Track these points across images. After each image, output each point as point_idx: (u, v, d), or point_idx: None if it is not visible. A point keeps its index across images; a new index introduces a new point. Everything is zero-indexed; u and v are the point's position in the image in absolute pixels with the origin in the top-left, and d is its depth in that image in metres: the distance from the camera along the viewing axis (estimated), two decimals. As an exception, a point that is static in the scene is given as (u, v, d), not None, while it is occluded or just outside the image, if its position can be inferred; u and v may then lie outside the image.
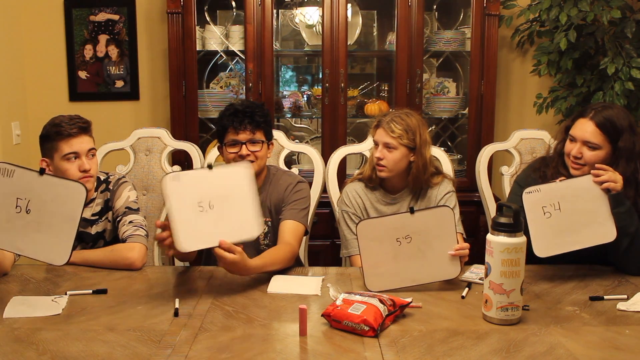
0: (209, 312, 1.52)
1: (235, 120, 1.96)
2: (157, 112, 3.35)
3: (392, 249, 1.68)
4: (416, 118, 2.06)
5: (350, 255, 2.06)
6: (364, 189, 2.12)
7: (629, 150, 1.84)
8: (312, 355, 1.30)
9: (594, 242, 1.75)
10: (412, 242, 1.68)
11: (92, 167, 1.92)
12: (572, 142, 1.91)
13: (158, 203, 2.44)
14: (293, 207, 2.03)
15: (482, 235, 2.72)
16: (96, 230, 2.02)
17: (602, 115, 1.86)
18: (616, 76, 2.83)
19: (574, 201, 1.75)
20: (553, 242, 1.74)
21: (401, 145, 2.01)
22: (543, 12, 2.92)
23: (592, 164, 1.84)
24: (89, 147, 1.93)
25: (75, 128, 1.89)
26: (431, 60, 3.27)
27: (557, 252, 1.74)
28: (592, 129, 1.86)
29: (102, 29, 3.26)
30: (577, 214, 1.74)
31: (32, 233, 1.61)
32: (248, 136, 1.97)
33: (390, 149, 2.02)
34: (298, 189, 2.07)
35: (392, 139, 2.01)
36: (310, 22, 3.12)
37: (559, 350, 1.31)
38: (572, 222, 1.74)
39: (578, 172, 1.89)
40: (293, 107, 3.19)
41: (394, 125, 2.01)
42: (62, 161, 1.89)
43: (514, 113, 3.41)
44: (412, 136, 2.02)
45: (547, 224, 1.73)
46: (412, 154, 2.04)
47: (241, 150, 1.97)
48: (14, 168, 1.61)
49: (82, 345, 1.32)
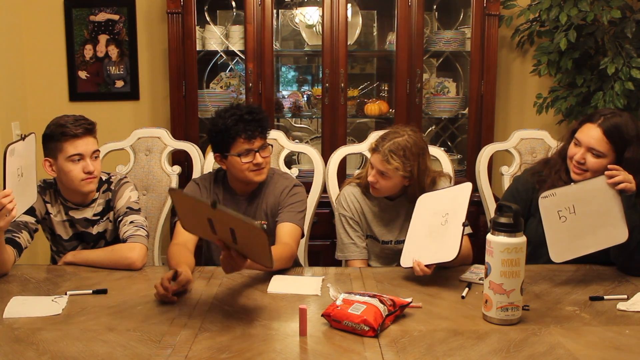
0: (209, 312, 1.52)
1: (247, 129, 1.93)
2: (157, 112, 3.35)
3: (429, 224, 1.80)
4: (417, 145, 1.93)
5: (347, 259, 2.05)
6: (361, 194, 2.09)
7: (637, 161, 1.79)
8: (312, 355, 1.30)
9: (607, 244, 1.75)
10: (444, 218, 1.77)
11: (95, 169, 1.92)
12: (577, 146, 1.88)
13: (158, 203, 2.44)
14: (290, 210, 2.02)
15: (482, 235, 2.72)
16: (97, 230, 2.02)
17: (611, 123, 1.81)
18: (616, 76, 2.83)
19: (588, 203, 1.73)
20: (568, 247, 1.73)
21: (396, 176, 1.93)
22: (543, 12, 2.92)
23: (595, 171, 1.82)
24: (94, 149, 1.93)
25: (80, 129, 1.88)
26: (431, 60, 3.27)
27: (573, 256, 1.74)
28: (599, 136, 1.82)
29: (102, 29, 3.26)
30: (591, 217, 1.73)
31: None
32: (260, 143, 1.96)
33: (385, 176, 1.94)
34: (294, 192, 2.06)
35: (387, 169, 1.92)
36: (310, 22, 3.12)
37: (559, 350, 1.31)
38: (587, 225, 1.73)
39: (579, 177, 1.87)
40: (293, 107, 3.19)
41: (391, 156, 1.90)
42: (66, 162, 1.88)
43: (514, 113, 3.41)
44: (409, 168, 1.92)
45: (564, 229, 1.73)
46: (408, 180, 1.96)
47: (255, 158, 1.96)
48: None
49: (82, 345, 1.32)
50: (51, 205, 1.99)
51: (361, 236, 2.07)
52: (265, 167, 1.99)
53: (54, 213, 1.99)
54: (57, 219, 2.00)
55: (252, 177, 1.98)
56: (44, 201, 1.98)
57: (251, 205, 2.07)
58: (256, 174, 1.99)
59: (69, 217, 2.00)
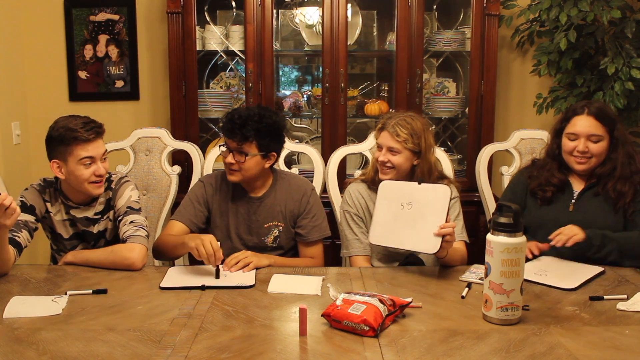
0: (209, 312, 1.52)
1: (228, 126, 1.98)
2: (157, 112, 3.35)
3: (396, 211, 1.86)
4: (421, 122, 2.04)
5: (351, 255, 2.06)
6: (366, 190, 2.12)
7: (624, 136, 2.01)
8: (312, 355, 1.30)
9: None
10: (412, 209, 1.83)
11: (104, 172, 1.94)
12: (574, 140, 2.01)
13: (158, 203, 2.44)
14: (315, 224, 2.09)
15: (482, 235, 2.72)
16: (98, 229, 2.02)
17: (596, 108, 2.01)
18: (616, 76, 2.83)
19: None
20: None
21: (405, 150, 1.99)
22: (543, 12, 2.92)
23: (599, 155, 1.99)
24: (103, 151, 1.94)
25: (92, 133, 1.89)
26: (431, 60, 3.27)
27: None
28: (592, 122, 1.99)
29: (102, 29, 3.26)
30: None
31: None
32: (236, 145, 1.99)
33: (395, 152, 2.00)
34: (314, 200, 2.12)
35: (397, 143, 1.98)
36: (310, 22, 3.12)
37: (559, 350, 1.31)
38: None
39: (584, 165, 2.00)
40: (293, 107, 3.19)
41: (399, 129, 1.99)
42: (77, 165, 1.88)
43: (514, 113, 3.41)
44: (417, 140, 1.99)
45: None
46: (416, 157, 2.02)
47: (227, 157, 2.00)
48: None
49: (82, 345, 1.32)
50: (51, 204, 1.99)
51: (365, 232, 2.07)
52: (237, 170, 2.00)
53: (54, 212, 1.99)
54: (58, 217, 2.00)
55: (227, 174, 2.05)
56: (43, 200, 1.98)
57: (263, 204, 2.10)
58: (227, 173, 2.04)
59: (70, 216, 2.00)
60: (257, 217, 2.08)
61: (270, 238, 2.08)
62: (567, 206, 2.03)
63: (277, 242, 2.09)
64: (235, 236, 2.08)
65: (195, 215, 2.07)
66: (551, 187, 2.05)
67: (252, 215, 2.08)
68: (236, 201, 2.09)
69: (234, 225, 2.09)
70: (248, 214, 2.08)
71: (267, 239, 2.08)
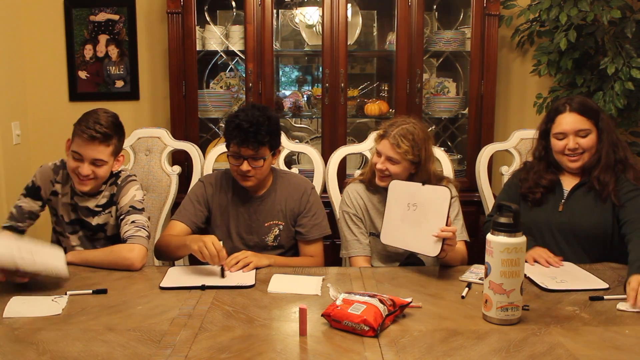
0: (209, 312, 1.52)
1: (240, 135, 1.94)
2: (157, 112, 3.35)
3: (403, 211, 1.88)
4: (423, 132, 2.02)
5: (350, 256, 2.06)
6: (365, 191, 2.12)
7: (608, 125, 2.02)
8: (312, 355, 1.30)
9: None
10: (416, 211, 1.85)
11: (90, 174, 1.92)
12: (562, 140, 2.01)
13: (158, 203, 2.44)
14: (315, 222, 2.08)
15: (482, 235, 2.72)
16: (97, 222, 2.02)
17: (578, 103, 2.01)
18: (616, 76, 2.82)
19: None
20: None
21: (405, 160, 1.98)
22: (543, 12, 2.92)
23: (590, 148, 1.99)
24: (97, 157, 1.91)
25: (87, 135, 1.89)
26: (431, 60, 3.27)
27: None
28: (577, 118, 1.99)
29: (102, 29, 3.26)
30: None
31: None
32: (251, 153, 1.96)
33: (394, 162, 1.99)
34: (314, 199, 2.12)
35: (397, 154, 1.97)
36: (310, 22, 3.12)
37: (559, 350, 1.31)
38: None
39: (578, 162, 2.00)
40: (293, 107, 3.19)
41: (401, 140, 1.96)
42: (70, 152, 1.93)
43: (514, 113, 3.41)
44: (417, 152, 1.98)
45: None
46: (415, 167, 2.02)
47: (242, 165, 1.97)
48: None
49: (82, 345, 1.32)
50: (61, 186, 2.02)
51: (364, 233, 2.07)
52: (253, 175, 1.99)
53: (62, 193, 2.02)
54: (64, 200, 2.02)
55: (239, 180, 2.02)
56: (53, 181, 2.02)
57: (263, 203, 2.09)
58: (242, 179, 2.01)
59: (74, 202, 2.02)
60: (258, 217, 2.08)
61: (270, 237, 2.08)
62: (556, 207, 2.03)
63: (278, 241, 2.09)
64: (235, 235, 2.09)
65: (195, 215, 2.07)
66: (540, 189, 2.04)
67: (252, 215, 2.08)
68: (236, 201, 2.09)
69: (234, 225, 2.09)
70: (248, 214, 2.08)
71: (267, 238, 2.08)
